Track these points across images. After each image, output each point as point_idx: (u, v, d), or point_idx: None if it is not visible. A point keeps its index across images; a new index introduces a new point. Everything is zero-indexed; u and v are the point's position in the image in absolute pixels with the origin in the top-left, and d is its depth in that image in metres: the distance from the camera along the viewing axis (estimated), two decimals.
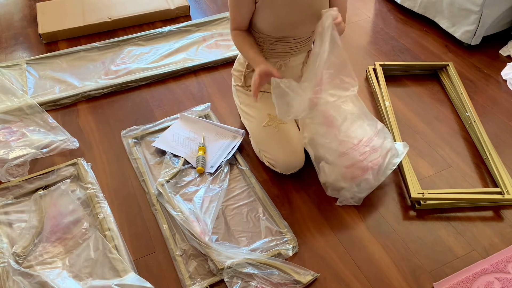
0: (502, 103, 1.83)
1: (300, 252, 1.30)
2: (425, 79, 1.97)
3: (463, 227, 1.37)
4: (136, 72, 1.99)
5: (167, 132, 1.67)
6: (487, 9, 1.98)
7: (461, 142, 1.66)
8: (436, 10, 2.20)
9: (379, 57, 2.09)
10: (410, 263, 1.28)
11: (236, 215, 1.41)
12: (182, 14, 2.42)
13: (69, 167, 1.54)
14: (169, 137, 1.64)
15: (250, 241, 1.33)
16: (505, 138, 1.67)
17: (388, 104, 1.74)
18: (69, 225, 1.36)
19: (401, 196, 1.46)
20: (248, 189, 1.48)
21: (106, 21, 2.29)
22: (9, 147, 1.59)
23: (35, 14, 2.42)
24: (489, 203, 1.42)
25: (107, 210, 1.40)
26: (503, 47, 2.12)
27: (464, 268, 1.25)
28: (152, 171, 1.55)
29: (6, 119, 1.74)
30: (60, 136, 1.66)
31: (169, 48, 2.15)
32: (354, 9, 2.45)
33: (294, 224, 1.38)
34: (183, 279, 1.23)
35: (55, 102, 1.84)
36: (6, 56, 2.14)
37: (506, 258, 1.27)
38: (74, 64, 2.06)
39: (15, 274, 1.20)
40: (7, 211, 1.42)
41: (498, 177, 1.47)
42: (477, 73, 1.99)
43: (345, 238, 1.34)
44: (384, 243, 1.33)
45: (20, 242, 1.30)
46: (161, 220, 1.38)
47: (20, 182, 1.49)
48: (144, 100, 1.86)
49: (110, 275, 1.23)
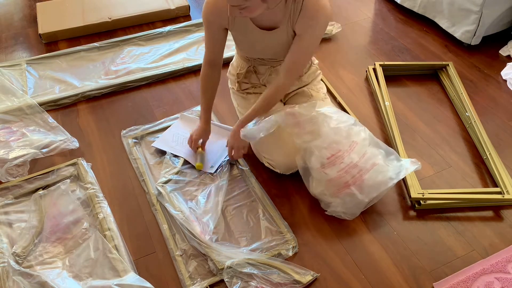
0: (502, 103, 1.83)
1: (300, 252, 1.30)
2: (425, 79, 1.96)
3: (463, 227, 1.37)
4: (136, 72, 1.99)
5: (167, 132, 1.67)
6: (487, 9, 1.98)
7: (461, 142, 1.66)
8: (436, 10, 2.20)
9: (379, 57, 2.09)
10: (410, 263, 1.28)
11: (236, 215, 1.41)
12: (182, 14, 2.42)
13: (69, 167, 1.54)
14: (169, 137, 1.64)
15: (250, 241, 1.33)
16: (505, 138, 1.67)
17: (388, 104, 1.74)
18: (69, 225, 1.36)
19: (401, 196, 1.46)
20: (248, 189, 1.48)
21: (106, 21, 2.29)
22: (9, 147, 1.59)
23: (35, 14, 2.42)
24: (489, 203, 1.42)
25: (107, 210, 1.40)
26: (503, 47, 2.12)
27: (464, 268, 1.25)
28: (152, 171, 1.55)
29: (6, 119, 1.74)
30: (60, 136, 1.66)
31: (169, 48, 2.15)
32: (354, 9, 2.45)
33: (294, 224, 1.38)
34: (183, 279, 1.23)
35: (55, 102, 1.84)
36: (6, 56, 2.14)
37: (506, 258, 1.27)
38: (74, 64, 2.06)
39: (15, 274, 1.20)
40: (7, 211, 1.41)
41: (498, 177, 1.47)
42: (477, 73, 1.99)
43: (345, 238, 1.34)
44: (384, 243, 1.33)
45: (20, 242, 1.30)
46: (161, 220, 1.38)
47: (20, 182, 1.49)
48: (144, 100, 1.86)
49: (110, 275, 1.23)
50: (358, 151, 1.33)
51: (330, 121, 1.36)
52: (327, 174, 1.33)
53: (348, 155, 1.32)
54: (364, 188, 1.32)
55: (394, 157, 1.38)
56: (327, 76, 1.96)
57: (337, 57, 2.10)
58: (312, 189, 1.40)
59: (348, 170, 1.32)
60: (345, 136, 1.34)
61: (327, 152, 1.32)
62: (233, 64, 1.61)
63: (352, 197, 1.33)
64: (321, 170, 1.34)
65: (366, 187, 1.32)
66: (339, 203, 1.35)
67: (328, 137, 1.33)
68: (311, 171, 1.37)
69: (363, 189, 1.32)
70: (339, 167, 1.32)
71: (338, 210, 1.36)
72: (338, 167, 1.32)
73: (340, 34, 2.25)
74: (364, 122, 1.74)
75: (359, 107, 1.81)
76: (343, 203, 1.34)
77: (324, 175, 1.33)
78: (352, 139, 1.34)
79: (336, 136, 1.34)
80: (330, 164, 1.32)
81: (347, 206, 1.35)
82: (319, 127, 1.35)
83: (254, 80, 1.56)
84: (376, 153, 1.36)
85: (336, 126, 1.35)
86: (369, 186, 1.32)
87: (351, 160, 1.32)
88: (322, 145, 1.33)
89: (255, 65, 1.51)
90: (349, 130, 1.36)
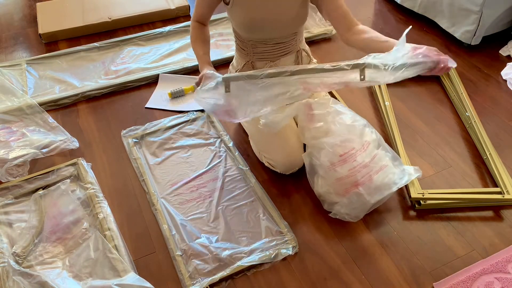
0: (502, 103, 1.83)
1: (300, 252, 1.30)
2: (425, 79, 1.96)
3: (463, 227, 1.37)
4: (136, 72, 1.99)
5: (155, 94, 1.87)
6: (487, 9, 1.98)
7: (461, 142, 1.66)
8: (436, 10, 2.20)
9: None
10: (410, 263, 1.28)
11: (236, 215, 1.41)
12: (182, 14, 2.42)
13: (69, 167, 1.54)
14: (158, 98, 1.85)
15: (250, 241, 1.33)
16: (505, 138, 1.67)
17: (388, 104, 1.75)
18: (69, 225, 1.36)
19: (401, 196, 1.46)
20: (248, 189, 1.48)
21: (106, 21, 2.29)
22: (9, 147, 1.59)
23: (35, 14, 2.42)
24: (489, 203, 1.42)
25: (107, 210, 1.40)
26: (503, 47, 2.12)
27: (464, 268, 1.25)
28: (152, 171, 1.55)
29: (6, 119, 1.74)
30: (60, 136, 1.66)
31: (169, 48, 2.15)
32: (354, 9, 2.44)
33: (294, 224, 1.38)
34: (183, 279, 1.23)
35: (55, 102, 1.84)
36: (6, 56, 2.14)
37: (506, 258, 1.27)
38: (74, 64, 2.06)
39: (15, 274, 1.20)
40: (7, 211, 1.41)
41: (498, 177, 1.47)
42: (477, 73, 1.99)
43: (345, 238, 1.34)
44: (384, 243, 1.33)
45: (20, 242, 1.30)
46: (161, 220, 1.38)
47: (20, 182, 1.49)
48: (144, 100, 1.86)
49: (110, 275, 1.22)
50: (370, 152, 1.33)
51: (346, 118, 1.35)
52: (337, 172, 1.32)
53: (360, 154, 1.32)
54: (372, 189, 1.32)
55: (398, 163, 1.38)
56: None
57: (337, 57, 2.10)
58: (317, 187, 1.38)
59: (360, 169, 1.31)
60: (358, 135, 1.34)
61: (340, 150, 1.32)
62: (233, 64, 1.61)
63: (359, 198, 1.32)
64: (331, 168, 1.33)
65: (373, 188, 1.32)
66: (345, 203, 1.34)
67: (342, 134, 1.33)
68: (318, 168, 1.36)
69: (370, 189, 1.32)
70: (352, 165, 1.31)
71: (342, 212, 1.35)
72: (350, 165, 1.31)
73: None
74: None
75: (359, 107, 1.81)
76: (349, 203, 1.33)
77: (333, 173, 1.32)
78: (365, 138, 1.34)
79: (350, 134, 1.33)
80: (342, 161, 1.32)
81: (352, 206, 1.33)
82: (330, 124, 1.34)
83: None
84: (385, 156, 1.37)
85: (351, 123, 1.35)
86: (376, 187, 1.32)
87: (363, 159, 1.32)
88: (334, 142, 1.32)
89: (253, 60, 1.49)
90: (362, 130, 1.36)
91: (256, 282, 1.24)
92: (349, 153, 1.32)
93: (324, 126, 1.36)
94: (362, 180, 1.31)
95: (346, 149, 1.32)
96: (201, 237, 1.33)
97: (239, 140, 1.66)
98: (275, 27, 1.38)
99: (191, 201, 1.45)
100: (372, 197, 1.32)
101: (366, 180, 1.31)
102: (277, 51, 1.46)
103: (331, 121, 1.36)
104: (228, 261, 1.27)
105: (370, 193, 1.32)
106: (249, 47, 1.46)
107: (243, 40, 1.45)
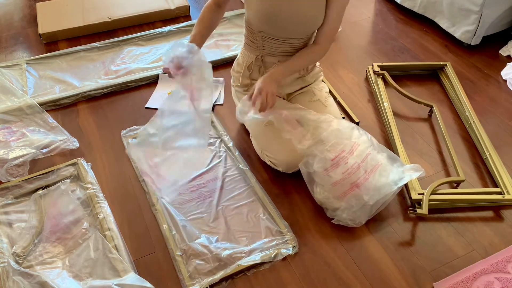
0: (502, 103, 1.83)
1: (300, 252, 1.30)
2: (425, 79, 1.96)
3: (463, 227, 1.37)
4: (136, 72, 1.99)
5: (155, 94, 1.87)
6: (487, 9, 1.98)
7: (461, 142, 1.66)
8: (436, 10, 2.20)
9: (379, 57, 2.09)
10: (410, 263, 1.28)
11: (236, 215, 1.41)
12: (182, 14, 2.42)
13: (69, 167, 1.54)
14: (158, 98, 1.84)
15: (250, 241, 1.33)
16: (505, 138, 1.67)
17: (386, 105, 1.75)
18: (69, 225, 1.36)
19: (401, 196, 1.46)
20: (248, 189, 1.48)
21: (106, 21, 2.29)
22: (9, 147, 1.59)
23: (35, 14, 2.41)
24: (489, 203, 1.42)
25: (107, 210, 1.40)
26: (503, 47, 2.12)
27: (464, 268, 1.25)
28: None
29: (6, 119, 1.74)
30: (60, 136, 1.66)
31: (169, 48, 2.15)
32: (354, 9, 2.45)
33: (294, 224, 1.38)
34: (183, 279, 1.23)
35: (55, 102, 1.84)
36: (6, 56, 2.14)
37: (506, 258, 1.27)
38: (74, 64, 2.06)
39: (15, 274, 1.20)
40: (7, 211, 1.41)
41: (498, 177, 1.47)
42: (477, 73, 1.99)
43: (345, 238, 1.34)
44: (384, 243, 1.33)
45: (20, 242, 1.30)
46: (161, 220, 1.38)
47: (20, 182, 1.49)
48: (144, 100, 1.86)
49: (110, 275, 1.22)
50: (360, 153, 1.34)
51: (331, 124, 1.37)
52: (331, 177, 1.32)
53: (351, 156, 1.32)
54: (369, 189, 1.31)
55: (397, 164, 1.38)
56: (327, 76, 1.96)
57: (337, 57, 2.10)
58: (317, 195, 1.39)
59: (353, 171, 1.31)
60: (346, 138, 1.35)
61: (330, 154, 1.32)
62: (239, 60, 1.59)
63: (357, 200, 1.32)
64: (325, 174, 1.33)
65: (370, 188, 1.31)
66: (345, 207, 1.33)
67: (330, 140, 1.34)
68: (315, 176, 1.37)
69: (367, 190, 1.31)
70: (344, 167, 1.32)
71: (344, 217, 1.35)
72: (343, 168, 1.32)
73: (340, 34, 2.25)
74: (364, 121, 1.74)
75: (359, 107, 1.81)
76: (349, 207, 1.33)
77: (328, 178, 1.33)
78: (353, 140, 1.35)
79: (338, 138, 1.34)
80: (335, 165, 1.32)
81: (353, 210, 1.33)
82: (320, 133, 1.36)
83: (256, 77, 1.55)
84: (378, 156, 1.37)
85: (337, 128, 1.36)
86: (374, 188, 1.32)
87: (355, 161, 1.32)
88: (324, 148, 1.33)
89: (263, 54, 1.48)
90: (350, 133, 1.37)
91: (256, 282, 1.24)
92: (340, 156, 1.33)
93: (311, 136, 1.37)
94: (358, 181, 1.32)
95: (336, 152, 1.33)
96: (201, 237, 1.33)
97: (239, 140, 1.66)
98: (289, 23, 1.38)
99: (191, 201, 1.45)
100: (371, 198, 1.32)
101: (362, 181, 1.32)
102: (286, 49, 1.45)
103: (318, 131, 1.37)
104: (228, 261, 1.27)
105: (368, 194, 1.32)
106: (259, 39, 1.45)
107: (254, 31, 1.44)
